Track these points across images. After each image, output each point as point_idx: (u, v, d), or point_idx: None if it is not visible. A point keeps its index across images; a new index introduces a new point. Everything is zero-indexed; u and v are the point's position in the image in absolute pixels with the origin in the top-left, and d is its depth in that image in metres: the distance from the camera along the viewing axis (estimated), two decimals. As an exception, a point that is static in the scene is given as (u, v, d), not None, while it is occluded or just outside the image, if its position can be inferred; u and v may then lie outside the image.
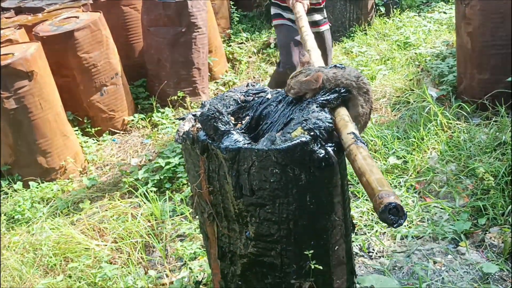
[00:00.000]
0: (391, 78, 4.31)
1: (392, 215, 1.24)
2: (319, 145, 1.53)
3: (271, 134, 1.57)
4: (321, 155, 1.53)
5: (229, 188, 1.60)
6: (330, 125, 1.57)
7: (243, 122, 1.88)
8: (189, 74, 4.50)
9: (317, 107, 1.65)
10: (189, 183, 2.13)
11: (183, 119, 1.83)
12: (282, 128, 1.65)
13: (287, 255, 1.63)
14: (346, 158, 1.60)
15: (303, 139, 1.51)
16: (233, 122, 1.84)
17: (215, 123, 1.60)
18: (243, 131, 1.77)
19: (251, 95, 1.93)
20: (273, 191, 1.54)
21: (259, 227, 1.61)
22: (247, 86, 2.00)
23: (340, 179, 1.62)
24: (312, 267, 1.61)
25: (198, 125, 1.69)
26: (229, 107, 1.87)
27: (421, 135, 3.15)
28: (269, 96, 1.89)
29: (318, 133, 1.54)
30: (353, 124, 1.57)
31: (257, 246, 1.64)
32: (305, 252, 1.61)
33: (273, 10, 3.44)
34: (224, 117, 1.62)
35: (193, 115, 1.83)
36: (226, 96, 1.93)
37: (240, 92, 1.94)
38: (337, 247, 1.69)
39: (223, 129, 1.59)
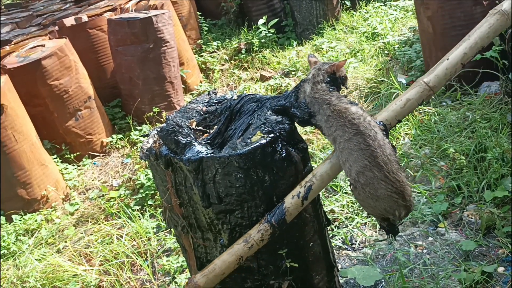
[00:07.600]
0: (361, 69, 4.36)
1: None
2: (280, 146, 1.56)
3: (232, 142, 1.60)
4: (283, 155, 1.56)
5: (197, 198, 1.61)
6: (289, 125, 1.60)
7: (211, 131, 1.90)
8: (162, 89, 4.51)
9: (270, 113, 1.66)
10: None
11: (147, 135, 1.85)
12: (242, 134, 1.67)
13: (262, 257, 1.65)
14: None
15: (263, 141, 1.53)
16: (202, 129, 1.85)
17: (175, 137, 1.61)
18: (208, 141, 1.79)
19: (213, 104, 1.95)
20: (240, 195, 1.56)
21: (231, 233, 1.62)
22: (208, 95, 2.02)
23: (306, 176, 1.64)
24: (288, 265, 1.63)
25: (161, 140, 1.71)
26: (192, 119, 1.89)
27: (393, 122, 3.18)
28: (235, 98, 1.90)
29: (278, 134, 1.56)
30: (296, 192, 1.55)
31: (233, 252, 1.66)
32: (279, 252, 1.63)
33: None
34: (184, 129, 1.64)
35: (157, 130, 1.85)
36: (189, 108, 1.94)
37: (202, 103, 1.96)
38: (311, 243, 1.72)
39: (184, 141, 1.61)
